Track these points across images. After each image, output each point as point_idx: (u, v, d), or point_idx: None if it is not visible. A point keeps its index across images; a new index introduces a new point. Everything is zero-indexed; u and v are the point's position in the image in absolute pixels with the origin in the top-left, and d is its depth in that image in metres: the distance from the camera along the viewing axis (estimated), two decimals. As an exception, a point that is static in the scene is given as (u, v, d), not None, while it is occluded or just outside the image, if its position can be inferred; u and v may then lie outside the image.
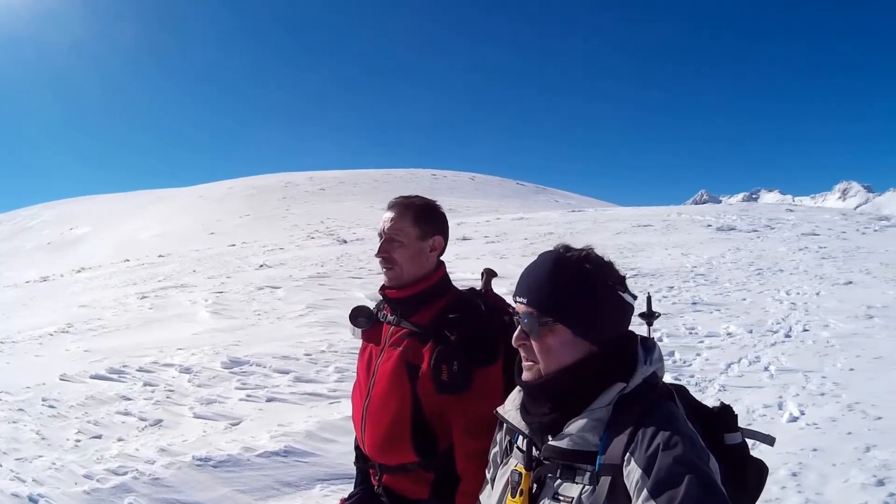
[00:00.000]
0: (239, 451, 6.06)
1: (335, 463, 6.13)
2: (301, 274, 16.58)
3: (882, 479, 5.68)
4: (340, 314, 11.92)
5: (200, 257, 23.02)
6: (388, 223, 2.98)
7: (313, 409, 7.47)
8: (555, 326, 1.94)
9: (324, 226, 32.64)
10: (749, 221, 25.00)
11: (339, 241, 24.35)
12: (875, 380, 8.18)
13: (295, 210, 43.35)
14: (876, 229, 22.78)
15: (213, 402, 7.63)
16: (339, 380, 8.48)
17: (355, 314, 3.14)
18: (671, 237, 21.72)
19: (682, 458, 1.65)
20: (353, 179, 62.50)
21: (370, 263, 18.24)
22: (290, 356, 9.34)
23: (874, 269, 15.42)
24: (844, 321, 10.96)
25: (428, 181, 66.25)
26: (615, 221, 26.54)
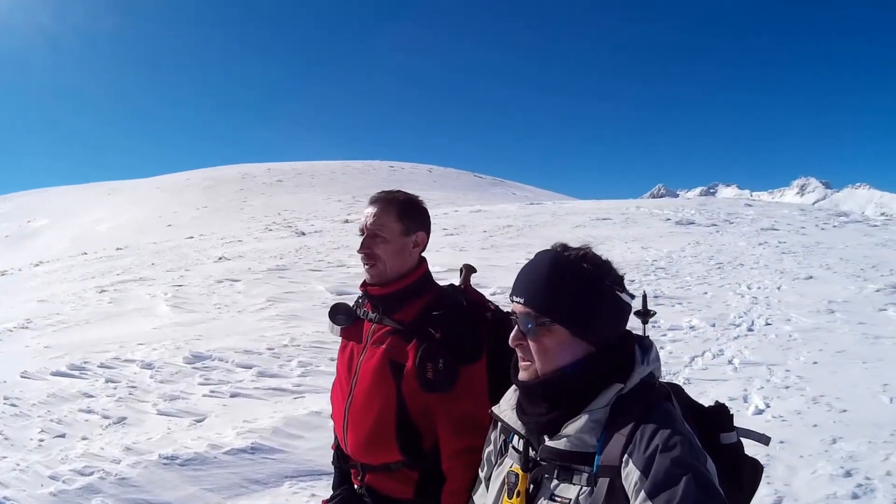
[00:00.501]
0: (205, 449, 6.00)
1: (303, 459, 6.11)
2: (260, 267, 16.45)
3: (849, 470, 5.81)
4: (301, 308, 11.95)
5: (158, 250, 22.70)
6: (371, 218, 2.92)
7: (278, 405, 7.43)
8: (552, 327, 1.94)
9: (281, 218, 32.43)
10: (708, 216, 25.29)
11: (298, 234, 24.18)
12: (838, 373, 8.35)
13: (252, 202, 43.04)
14: (835, 225, 23.16)
15: (177, 398, 7.54)
16: (303, 374, 8.45)
17: (334, 311, 3.09)
18: (630, 231, 21.91)
19: (679, 459, 1.65)
20: (310, 171, 62.08)
21: (329, 256, 18.20)
22: (252, 350, 9.27)
23: (834, 264, 15.68)
24: (806, 315, 11.16)
25: (385, 173, 66.09)
26: (574, 215, 26.69)
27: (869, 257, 16.50)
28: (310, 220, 30.28)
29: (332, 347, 9.27)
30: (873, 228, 22.82)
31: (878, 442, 6.36)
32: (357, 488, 3.01)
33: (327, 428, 6.62)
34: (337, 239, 22.27)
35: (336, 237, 22.88)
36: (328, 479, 5.76)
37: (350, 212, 35.19)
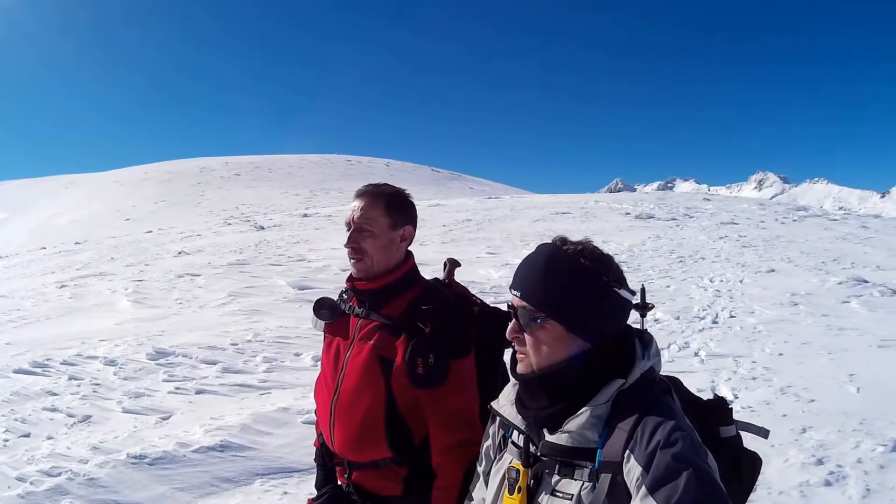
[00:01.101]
0: (174, 447, 5.87)
1: (273, 456, 6.04)
2: (220, 261, 16.26)
3: (821, 458, 5.90)
4: (263, 302, 11.85)
5: (117, 244, 22.33)
6: (358, 212, 2.86)
7: (244, 401, 7.34)
8: (547, 321, 1.91)
9: (239, 212, 32.22)
10: (667, 210, 25.54)
11: (257, 228, 23.98)
12: (805, 364, 8.45)
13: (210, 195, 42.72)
14: (795, 219, 23.51)
15: (142, 395, 7.39)
16: (269, 370, 8.37)
17: (319, 306, 3.02)
18: (590, 225, 22.02)
19: (681, 454, 1.64)
20: (268, 165, 61.80)
21: (289, 250, 18.11)
22: (216, 346, 9.15)
23: (795, 257, 15.90)
24: (770, 308, 11.29)
25: (343, 167, 65.95)
26: (533, 209, 26.78)
27: (830, 251, 16.77)
28: (268, 215, 30.04)
29: (297, 343, 9.27)
30: (833, 222, 23.20)
31: (848, 430, 6.45)
32: (344, 486, 2.95)
33: (296, 424, 6.58)
34: (296, 233, 22.12)
35: (295, 231, 22.72)
36: (300, 476, 5.74)
37: (308, 206, 35.05)
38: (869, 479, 5.58)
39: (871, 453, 5.99)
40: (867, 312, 11.02)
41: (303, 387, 7.72)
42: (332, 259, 15.92)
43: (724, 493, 1.62)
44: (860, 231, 20.76)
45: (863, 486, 5.45)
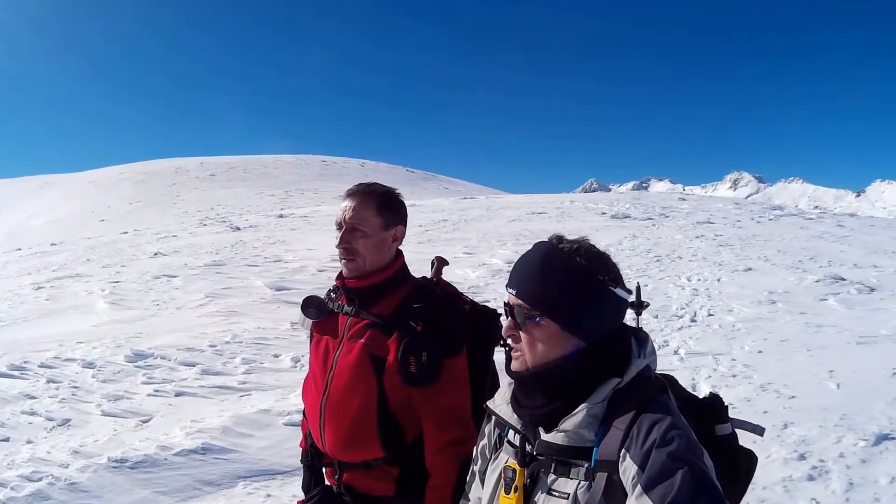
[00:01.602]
0: (155, 451, 5.80)
1: (255, 459, 5.98)
2: (196, 262, 16.16)
3: (803, 453, 5.94)
4: (241, 303, 11.79)
5: (93, 245, 22.09)
6: (350, 212, 2.82)
7: (224, 403, 7.28)
8: (543, 320, 1.91)
9: (214, 212, 32.06)
10: (643, 209, 25.67)
11: (233, 229, 23.86)
12: (784, 361, 8.50)
13: (185, 196, 42.50)
14: (770, 218, 23.71)
15: (121, 398, 7.30)
16: (248, 371, 8.31)
17: (307, 304, 2.97)
18: (566, 224, 22.10)
19: (676, 453, 1.64)
20: (243, 165, 61.52)
21: (265, 251, 18.04)
22: (194, 348, 9.07)
23: (772, 256, 16.02)
24: (748, 306, 11.36)
25: (318, 167, 65.78)
26: (508, 209, 26.84)
27: (806, 249, 16.92)
28: (243, 215, 29.89)
29: (276, 344, 9.23)
30: (808, 221, 23.42)
31: (829, 426, 6.50)
32: (334, 488, 2.92)
33: (277, 426, 6.54)
34: (272, 234, 22.04)
35: (271, 232, 22.63)
36: (283, 479, 5.70)
37: (283, 206, 34.94)
38: (851, 473, 5.63)
39: (853, 448, 6.04)
40: (845, 310, 11.12)
41: (282, 388, 7.69)
42: (308, 260, 15.90)
43: (719, 491, 1.62)
44: (836, 230, 20.96)
45: (846, 481, 5.50)
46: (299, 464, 5.77)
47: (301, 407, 6.80)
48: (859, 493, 5.34)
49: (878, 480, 5.52)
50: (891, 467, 5.72)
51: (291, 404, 7.02)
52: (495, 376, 3.13)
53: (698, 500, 1.57)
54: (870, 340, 9.33)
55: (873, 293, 12.24)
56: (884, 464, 5.79)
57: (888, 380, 7.72)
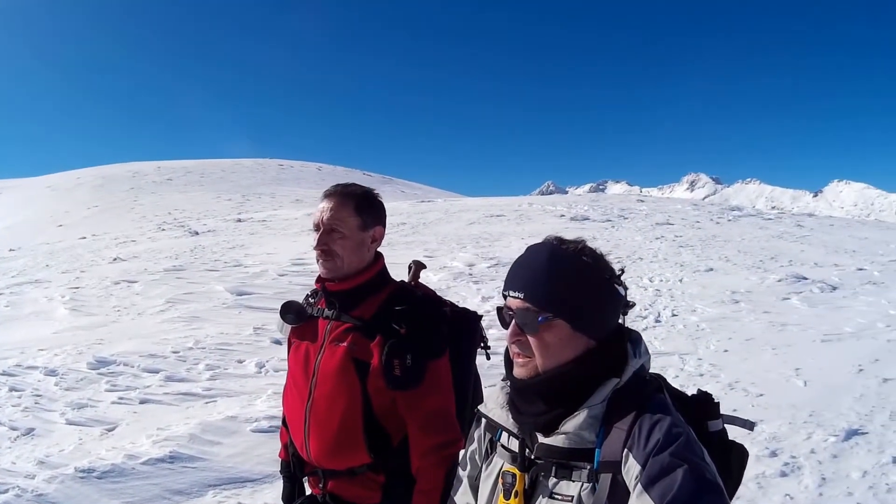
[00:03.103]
0: (122, 460, 5.66)
1: (224, 467, 5.87)
2: (156, 267, 15.90)
3: (774, 450, 6.03)
4: (202, 309, 11.62)
5: (52, 251, 21.66)
6: (328, 213, 2.75)
7: (189, 410, 7.15)
8: (553, 321, 1.85)
9: (172, 217, 31.66)
10: (602, 211, 25.88)
11: (191, 233, 23.60)
12: (749, 360, 8.63)
13: (143, 201, 41.91)
14: (729, 219, 24.02)
15: (85, 406, 7.12)
16: (212, 378, 8.17)
17: (286, 309, 2.89)
18: (525, 227, 22.21)
19: (678, 452, 1.63)
20: (200, 169, 60.88)
21: (225, 256, 17.85)
22: (157, 354, 8.90)
23: (732, 256, 16.23)
24: (711, 306, 11.49)
25: (275, 171, 65.29)
26: (466, 212, 26.84)
27: (766, 249, 17.17)
28: (201, 220, 29.63)
29: (239, 349, 9.12)
30: (767, 221, 23.77)
31: (798, 423, 6.61)
32: (319, 497, 2.84)
33: (245, 433, 6.44)
34: (231, 238, 21.81)
35: (230, 237, 22.39)
36: (253, 486, 5.62)
37: (241, 210, 34.62)
38: (823, 468, 5.72)
39: (824, 443, 6.15)
40: (808, 308, 11.30)
41: (248, 394, 7.57)
42: (268, 264, 15.75)
43: (721, 489, 1.61)
44: (795, 230, 21.29)
45: (818, 476, 5.59)
46: (269, 471, 5.73)
47: (269, 413, 6.72)
48: (832, 488, 5.42)
49: (850, 475, 5.61)
50: (862, 462, 5.82)
51: (258, 410, 6.93)
52: (478, 379, 3.09)
53: (699, 498, 1.56)
54: (834, 338, 9.48)
55: (835, 291, 12.46)
56: (855, 458, 5.90)
57: (855, 376, 7.86)
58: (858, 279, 13.88)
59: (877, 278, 13.97)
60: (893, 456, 5.92)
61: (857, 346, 9.14)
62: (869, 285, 13.25)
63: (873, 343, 9.29)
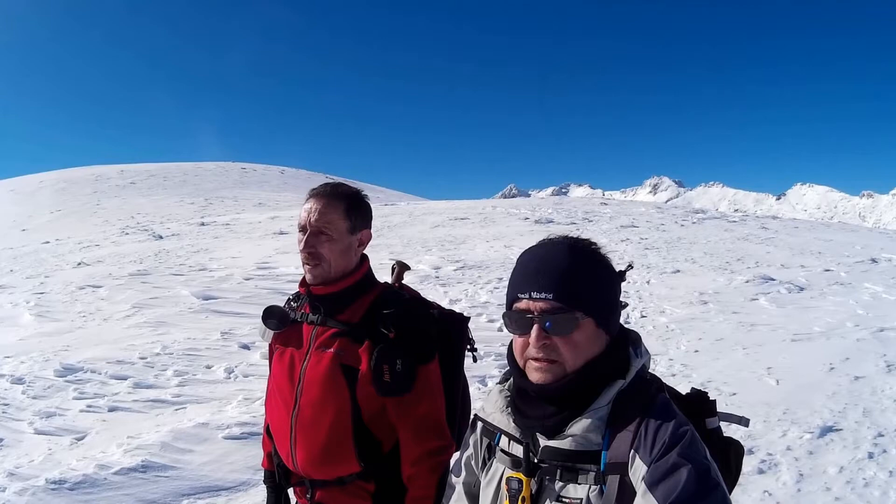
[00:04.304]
0: (93, 470, 5.51)
1: (197, 475, 5.74)
2: (121, 272, 15.68)
3: (750, 447, 6.05)
4: (168, 314, 11.46)
5: (15, 255, 21.23)
6: (315, 214, 2.67)
7: (159, 417, 7.03)
8: (583, 320, 1.80)
9: (135, 221, 31.27)
10: (566, 214, 26.04)
11: (155, 237, 23.35)
12: (721, 359, 8.69)
13: (106, 204, 41.32)
14: (694, 221, 24.25)
15: (53, 414, 6.96)
16: (181, 384, 8.05)
17: (268, 314, 2.81)
18: (490, 230, 22.27)
19: (683, 452, 1.63)
20: (163, 173, 60.22)
21: (190, 260, 17.68)
22: (124, 360, 8.75)
23: (699, 258, 16.36)
24: (680, 307, 11.56)
25: (237, 174, 64.75)
26: (431, 215, 26.82)
27: (732, 251, 17.36)
28: (165, 223, 29.30)
29: (207, 355, 9.01)
30: (732, 224, 24.04)
31: (773, 420, 6.67)
32: None
33: (217, 440, 6.33)
34: (195, 242, 21.58)
35: (194, 240, 22.16)
36: (227, 495, 5.52)
37: (204, 214, 34.30)
38: (800, 464, 5.79)
39: (799, 440, 6.23)
40: (776, 309, 11.42)
41: (218, 400, 7.47)
42: (233, 268, 15.61)
43: (723, 489, 1.61)
44: (761, 232, 21.53)
45: (795, 472, 5.65)
46: (244, 479, 5.64)
47: (240, 419, 6.62)
48: (810, 484, 5.48)
49: (828, 470, 5.69)
50: (838, 458, 5.90)
51: (229, 417, 6.82)
52: (466, 385, 3.03)
53: (702, 497, 1.56)
54: (804, 337, 9.59)
55: (803, 292, 12.60)
56: (831, 454, 5.98)
57: (826, 374, 7.96)
58: (826, 280, 14.08)
59: (844, 279, 14.19)
60: (869, 451, 6.01)
61: (828, 345, 9.25)
62: (836, 286, 13.44)
63: (843, 342, 9.40)
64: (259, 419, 6.64)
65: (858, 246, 19.72)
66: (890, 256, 17.31)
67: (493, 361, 8.44)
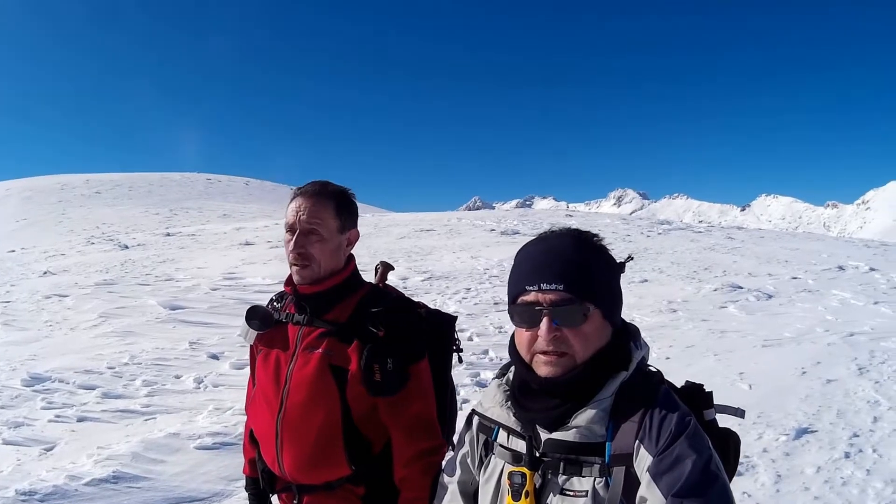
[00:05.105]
0: (64, 481, 5.38)
1: (170, 486, 5.62)
2: (87, 281, 15.48)
3: None
4: (136, 323, 11.33)
5: (-20, 264, 21.09)
6: (305, 213, 2.60)
7: (129, 428, 6.91)
8: (593, 311, 1.81)
9: (100, 231, 30.94)
10: (531, 226, 26.15)
11: (121, 247, 23.10)
12: (693, 366, 8.76)
13: (71, 214, 40.81)
14: (660, 232, 24.44)
15: (21, 424, 6.82)
16: (150, 394, 7.94)
17: (251, 315, 2.74)
18: (456, 241, 22.29)
19: (689, 444, 1.65)
20: (128, 183, 59.56)
21: (156, 270, 17.49)
22: (92, 370, 8.63)
23: (666, 267, 16.47)
24: (649, 315, 11.64)
25: (203, 185, 64.25)
26: (396, 226, 26.78)
27: (699, 260, 17.52)
28: (130, 233, 29.01)
29: (176, 365, 8.93)
30: (698, 234, 24.27)
31: (748, 424, 6.68)
32: None
33: (189, 450, 6.23)
34: (161, 252, 21.36)
35: (160, 251, 21.93)
36: (201, 506, 5.39)
37: (168, 225, 34.02)
38: (777, 466, 5.86)
39: (775, 443, 6.30)
40: (746, 316, 11.54)
41: (188, 410, 7.37)
42: (200, 278, 15.50)
43: (724, 478, 1.63)
44: (727, 241, 21.76)
45: (773, 473, 5.71)
46: (217, 489, 5.56)
47: (211, 429, 6.53)
48: (788, 484, 5.55)
49: (805, 471, 5.76)
50: (815, 458, 5.99)
51: (200, 427, 6.73)
52: (454, 386, 2.98)
53: (705, 488, 1.58)
54: (774, 343, 9.69)
55: (771, 299, 12.75)
56: (808, 455, 6.06)
57: (798, 378, 8.04)
58: (794, 287, 14.31)
59: (812, 286, 14.43)
60: (845, 451, 6.11)
61: (798, 350, 9.36)
62: (804, 293, 13.66)
63: (813, 347, 9.53)
64: (232, 429, 6.57)
65: (825, 254, 20.04)
66: (857, 264, 17.61)
67: (465, 371, 8.45)
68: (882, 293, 13.94)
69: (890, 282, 15.30)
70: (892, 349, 9.39)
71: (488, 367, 8.83)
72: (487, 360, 9.31)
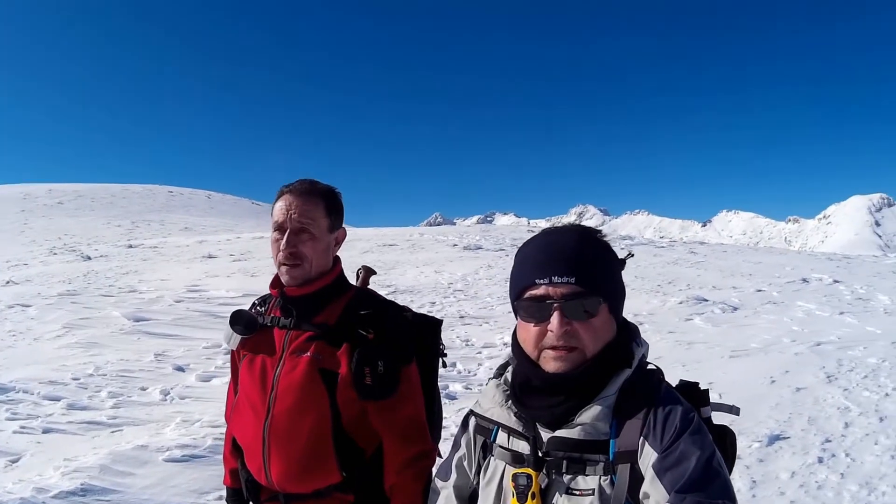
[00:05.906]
0: (31, 494, 5.24)
1: (139, 499, 5.50)
2: (50, 291, 15.23)
3: None
4: (100, 334, 11.14)
5: (-58, 273, 20.71)
6: (296, 211, 2.54)
7: (96, 440, 6.78)
8: (602, 304, 1.81)
9: (62, 241, 30.54)
10: (493, 241, 26.22)
11: (84, 258, 22.82)
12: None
13: (33, 224, 40.18)
14: (622, 247, 24.53)
15: (-15, 435, 6.69)
16: (116, 405, 7.80)
17: (234, 320, 2.66)
18: (419, 256, 22.27)
19: (693, 440, 1.65)
20: (91, 193, 58.80)
21: (119, 281, 17.24)
22: (57, 381, 8.46)
23: (630, 281, 16.55)
24: (615, 327, 11.65)
25: (164, 198, 63.64)
26: (359, 241, 26.67)
27: (663, 274, 17.69)
28: (92, 245, 28.65)
29: (141, 376, 8.81)
30: (660, 249, 24.50)
31: (720, 433, 6.71)
32: None
33: (157, 462, 6.10)
34: (124, 264, 21.11)
35: (123, 262, 21.68)
36: (171, 519, 5.29)
37: (131, 237, 33.67)
38: (752, 472, 5.94)
39: (749, 450, 6.36)
40: (712, 328, 11.64)
41: (155, 423, 7.25)
42: (163, 290, 15.30)
43: (726, 475, 1.64)
44: (690, 256, 21.98)
45: (748, 479, 5.79)
46: (187, 502, 5.46)
47: (180, 441, 6.43)
48: (764, 489, 5.61)
49: (779, 476, 5.84)
50: (788, 463, 6.07)
51: (169, 439, 6.60)
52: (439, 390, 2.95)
53: (707, 484, 1.57)
54: (742, 354, 9.79)
55: (737, 311, 12.89)
56: (781, 460, 6.14)
57: (768, 387, 8.14)
58: (758, 299, 14.49)
59: (776, 298, 14.64)
60: (819, 456, 6.21)
61: (766, 359, 9.48)
62: (770, 305, 13.85)
63: (781, 356, 9.66)
64: (200, 441, 6.47)
65: (788, 267, 20.34)
66: (821, 276, 17.90)
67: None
68: (847, 304, 14.19)
69: (854, 293, 15.58)
70: (859, 357, 9.57)
71: (456, 380, 8.88)
72: (455, 373, 9.33)
